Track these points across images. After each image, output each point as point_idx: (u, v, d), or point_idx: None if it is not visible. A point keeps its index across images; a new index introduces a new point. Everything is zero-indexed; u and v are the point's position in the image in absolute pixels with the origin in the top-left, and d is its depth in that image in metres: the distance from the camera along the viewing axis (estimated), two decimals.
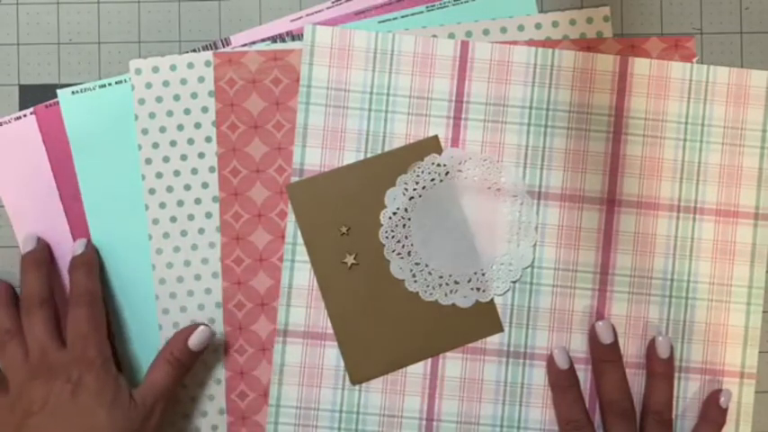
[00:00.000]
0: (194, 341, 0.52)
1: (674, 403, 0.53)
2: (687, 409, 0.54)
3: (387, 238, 0.53)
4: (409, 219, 0.53)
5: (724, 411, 0.53)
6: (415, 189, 0.53)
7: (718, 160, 0.54)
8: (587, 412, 0.53)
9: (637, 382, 0.54)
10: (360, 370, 0.54)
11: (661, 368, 0.53)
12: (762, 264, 0.54)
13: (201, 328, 0.52)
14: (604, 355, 0.53)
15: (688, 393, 0.54)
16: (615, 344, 0.53)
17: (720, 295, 0.54)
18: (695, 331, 0.54)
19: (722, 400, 0.53)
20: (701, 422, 0.53)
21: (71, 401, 0.49)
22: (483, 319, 0.54)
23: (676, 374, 0.54)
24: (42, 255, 0.53)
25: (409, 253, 0.53)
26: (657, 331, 0.54)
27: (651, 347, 0.53)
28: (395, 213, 0.53)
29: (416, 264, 0.53)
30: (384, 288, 0.54)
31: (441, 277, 0.53)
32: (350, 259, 0.53)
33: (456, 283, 0.53)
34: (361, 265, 0.54)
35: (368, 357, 0.54)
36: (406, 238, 0.53)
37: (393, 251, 0.53)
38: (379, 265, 0.54)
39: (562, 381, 0.53)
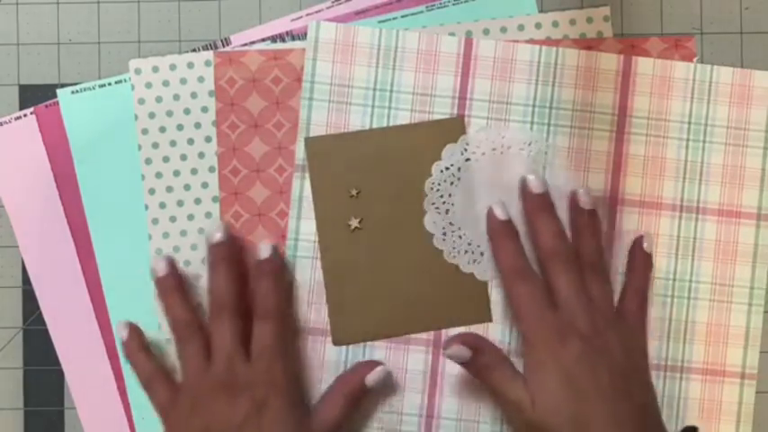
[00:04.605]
0: (372, 379, 0.50)
1: (675, 403, 0.53)
2: (688, 410, 0.54)
3: (431, 189, 0.53)
4: (458, 178, 0.53)
5: (649, 255, 0.52)
6: (474, 153, 0.53)
7: (720, 160, 0.54)
8: (530, 262, 0.51)
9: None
10: (343, 332, 0.53)
11: (584, 221, 0.51)
12: (764, 264, 0.54)
13: (380, 368, 0.51)
14: (537, 204, 0.51)
15: (689, 394, 0.54)
16: (547, 194, 0.51)
17: (722, 295, 0.54)
18: (696, 331, 0.54)
19: (645, 244, 0.52)
20: (629, 273, 0.52)
21: (254, 425, 0.46)
22: (475, 305, 0.53)
23: (677, 375, 0.53)
24: (232, 251, 0.50)
25: (447, 211, 0.53)
26: (578, 186, 0.53)
27: (573, 201, 0.52)
28: (447, 168, 0.53)
29: (450, 223, 0.53)
30: (384, 257, 0.53)
31: (469, 244, 0.53)
32: (354, 222, 0.53)
33: (481, 254, 0.53)
34: (365, 230, 0.53)
35: (354, 321, 0.53)
36: (450, 195, 0.53)
37: (432, 204, 0.53)
38: (384, 233, 0.53)
39: (502, 229, 0.51)
